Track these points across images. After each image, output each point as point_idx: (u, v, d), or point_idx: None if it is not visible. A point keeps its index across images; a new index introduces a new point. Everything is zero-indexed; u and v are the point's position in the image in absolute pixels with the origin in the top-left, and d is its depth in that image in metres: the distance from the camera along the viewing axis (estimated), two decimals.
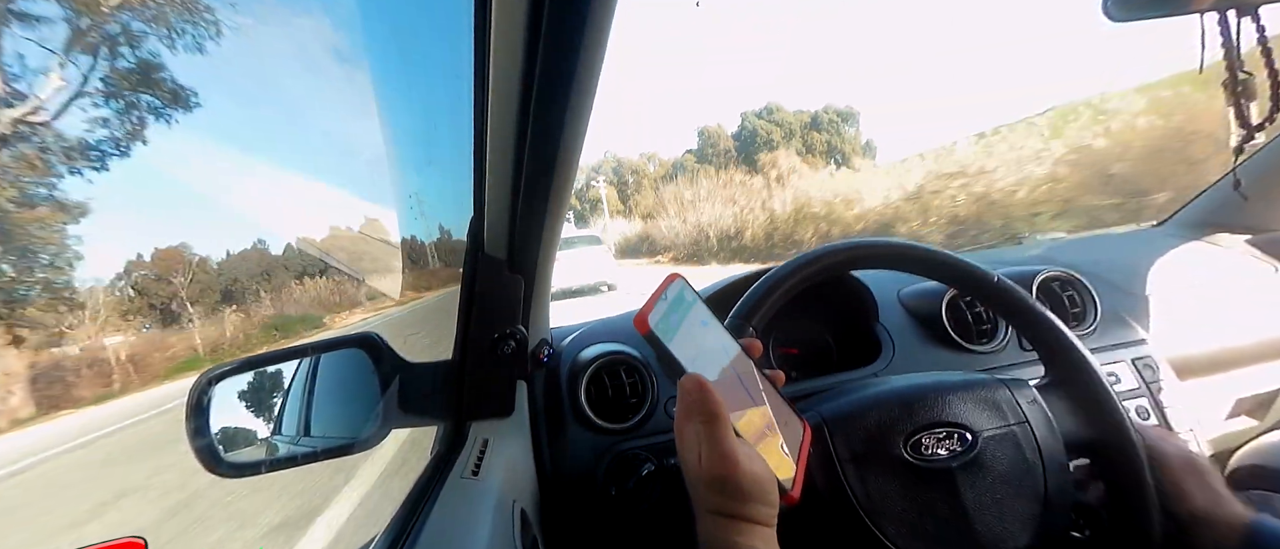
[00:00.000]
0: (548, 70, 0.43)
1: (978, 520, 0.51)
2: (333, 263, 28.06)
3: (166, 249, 12.20)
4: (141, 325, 10.20)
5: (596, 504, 0.75)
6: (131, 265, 11.51)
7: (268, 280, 14.46)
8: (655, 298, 0.43)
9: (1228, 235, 1.09)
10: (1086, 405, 0.56)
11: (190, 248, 12.94)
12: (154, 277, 11.44)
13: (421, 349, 0.70)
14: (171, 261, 11.90)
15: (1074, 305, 0.92)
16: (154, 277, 11.44)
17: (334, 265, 28.77)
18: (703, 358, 0.44)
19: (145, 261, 11.73)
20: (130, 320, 10.56)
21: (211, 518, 2.97)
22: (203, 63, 8.32)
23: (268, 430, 0.67)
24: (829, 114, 34.60)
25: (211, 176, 10.41)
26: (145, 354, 10.94)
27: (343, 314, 12.17)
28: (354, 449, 0.65)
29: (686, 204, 21.06)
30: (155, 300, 11.02)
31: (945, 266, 0.62)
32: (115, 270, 11.27)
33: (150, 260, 11.71)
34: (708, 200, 19.87)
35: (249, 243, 15.57)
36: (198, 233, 18.61)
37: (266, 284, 14.19)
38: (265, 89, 8.40)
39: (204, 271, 13.23)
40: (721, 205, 19.07)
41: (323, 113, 32.84)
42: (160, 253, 12.04)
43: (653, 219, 24.95)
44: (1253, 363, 0.95)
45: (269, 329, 11.42)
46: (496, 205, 0.59)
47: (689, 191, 21.38)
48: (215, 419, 0.59)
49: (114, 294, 10.92)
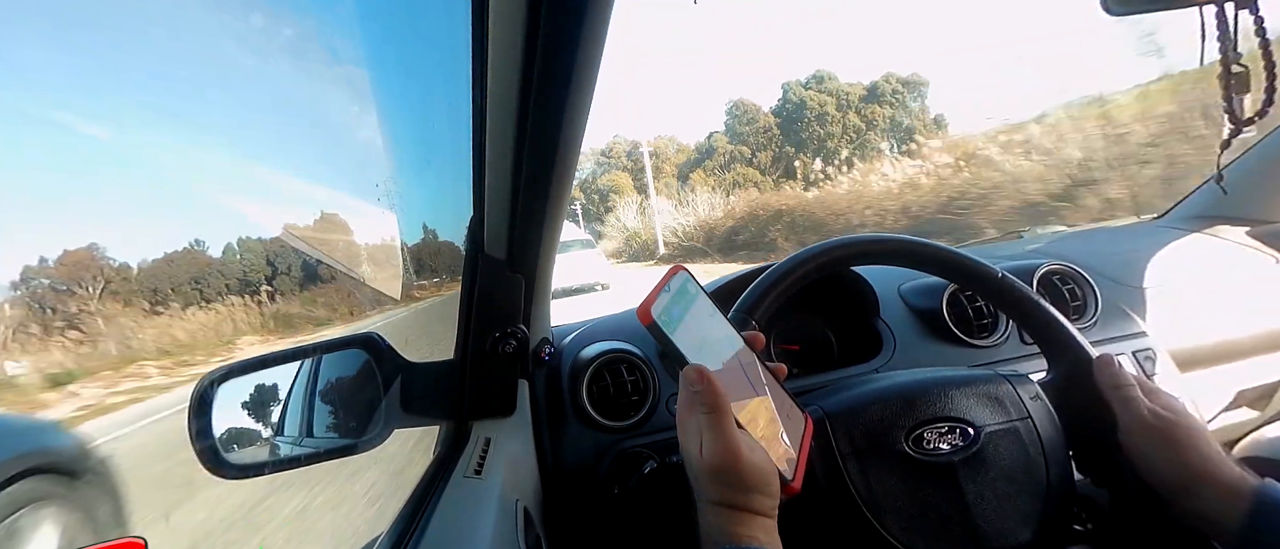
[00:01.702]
0: (546, 69, 0.43)
1: (979, 515, 0.51)
2: (332, 265, 28.10)
3: (76, 252, 10.14)
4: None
5: (599, 502, 0.75)
6: (30, 272, 9.47)
7: (199, 289, 12.51)
8: (658, 289, 0.43)
9: (1228, 227, 1.09)
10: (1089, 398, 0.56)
11: (103, 250, 10.56)
12: (55, 286, 9.46)
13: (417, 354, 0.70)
14: (78, 268, 9.88)
15: (1075, 298, 0.92)
16: (55, 286, 9.46)
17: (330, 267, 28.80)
18: (706, 349, 0.45)
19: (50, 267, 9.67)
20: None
21: None
22: (200, 61, 8.04)
23: (270, 431, 0.67)
24: (890, 83, 27.71)
25: (198, 176, 10.16)
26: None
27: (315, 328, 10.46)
28: (356, 450, 0.66)
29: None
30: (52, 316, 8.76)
31: (946, 262, 0.62)
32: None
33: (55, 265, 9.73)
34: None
35: (181, 243, 13.22)
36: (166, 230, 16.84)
37: (196, 293, 12.03)
38: (258, 87, 7.98)
39: (124, 279, 11.40)
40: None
41: (321, 114, 32.78)
42: (67, 256, 9.88)
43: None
44: (1253, 355, 0.95)
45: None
46: (496, 205, 0.59)
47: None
48: (218, 420, 0.59)
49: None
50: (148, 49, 8.41)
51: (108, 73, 10.05)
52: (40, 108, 10.00)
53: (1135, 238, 1.16)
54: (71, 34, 8.21)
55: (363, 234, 1.64)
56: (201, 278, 13.00)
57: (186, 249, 13.69)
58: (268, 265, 11.87)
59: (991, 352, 0.87)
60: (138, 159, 13.15)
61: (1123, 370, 0.54)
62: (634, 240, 23.91)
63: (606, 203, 34.40)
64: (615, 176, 36.72)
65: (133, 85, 9.57)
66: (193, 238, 13.16)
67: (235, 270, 12.79)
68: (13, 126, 9.89)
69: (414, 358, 0.68)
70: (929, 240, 0.63)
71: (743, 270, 0.96)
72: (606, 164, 38.63)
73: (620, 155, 38.41)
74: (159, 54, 7.79)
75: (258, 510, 2.60)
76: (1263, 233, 1.06)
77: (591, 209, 36.85)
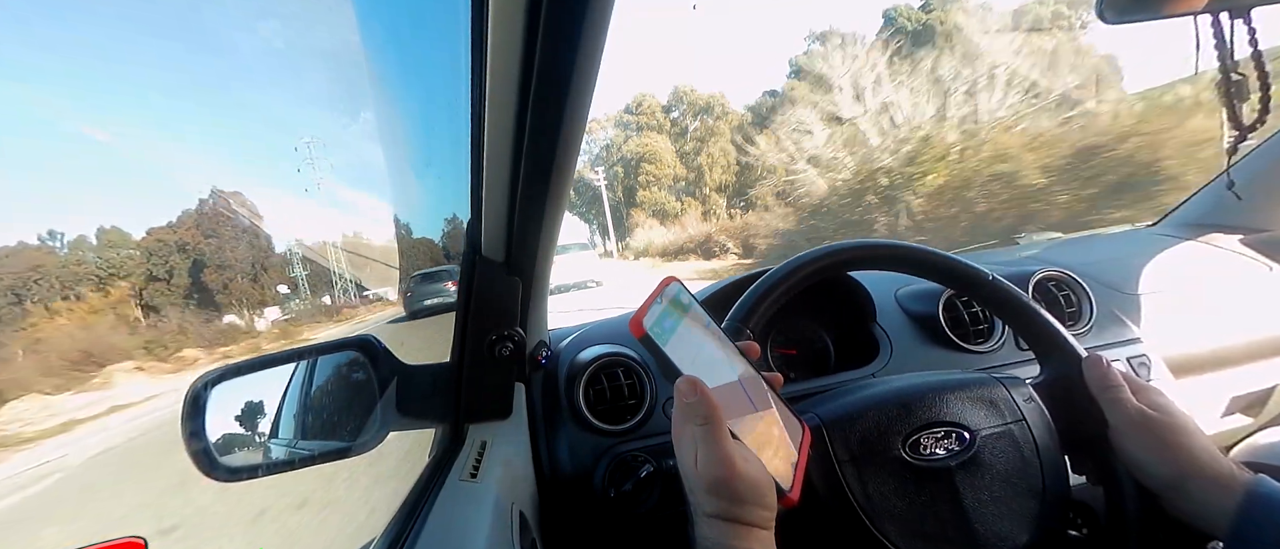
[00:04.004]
0: (544, 72, 0.43)
1: (976, 519, 0.51)
2: (329, 266, 27.79)
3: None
4: None
5: (595, 506, 0.75)
6: None
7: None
8: (650, 301, 0.43)
9: (1222, 235, 1.10)
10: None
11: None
12: None
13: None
14: None
15: (1070, 305, 0.92)
16: None
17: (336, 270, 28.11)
18: (699, 360, 0.44)
19: None
20: None
21: None
22: (194, 58, 7.81)
23: (265, 434, 0.67)
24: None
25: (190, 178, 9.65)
26: None
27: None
28: (352, 452, 0.65)
29: None
30: None
31: (938, 266, 0.63)
32: None
33: None
34: None
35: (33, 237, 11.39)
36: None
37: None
38: (257, 88, 7.76)
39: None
40: None
41: (319, 113, 32.55)
42: None
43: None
44: (1248, 361, 0.96)
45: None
46: (494, 207, 0.59)
47: None
48: (212, 423, 0.59)
49: None
50: (147, 49, 8.35)
51: (108, 72, 9.94)
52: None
53: (1130, 244, 1.16)
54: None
55: (362, 234, 1.63)
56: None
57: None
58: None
59: (987, 357, 0.87)
60: (137, 159, 13.05)
61: (1111, 370, 0.53)
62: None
63: (637, 175, 28.04)
64: (649, 140, 28.71)
65: (133, 84, 9.50)
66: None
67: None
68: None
69: (409, 360, 0.68)
70: (921, 245, 0.63)
71: (736, 277, 0.96)
72: (633, 125, 29.90)
73: (653, 112, 29.86)
74: (158, 53, 7.72)
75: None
76: (1257, 241, 1.07)
77: (622, 189, 28.49)
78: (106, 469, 6.58)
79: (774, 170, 17.88)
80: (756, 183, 21.22)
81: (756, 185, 21.08)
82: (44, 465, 7.20)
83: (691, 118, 30.26)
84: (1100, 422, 0.52)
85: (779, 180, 16.89)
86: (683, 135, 30.02)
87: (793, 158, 15.61)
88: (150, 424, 8.29)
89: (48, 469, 6.91)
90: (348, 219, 47.43)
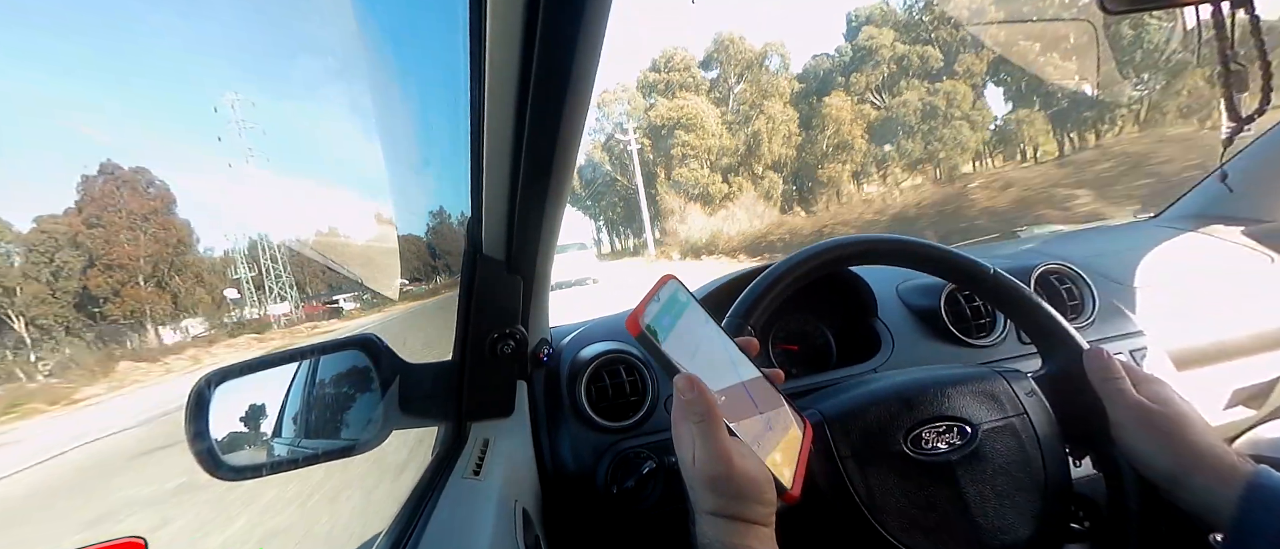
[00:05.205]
0: (544, 70, 0.43)
1: (979, 513, 0.51)
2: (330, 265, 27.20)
3: None
4: None
5: (598, 503, 0.75)
6: None
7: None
8: (648, 299, 0.43)
9: (1223, 227, 1.09)
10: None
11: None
12: None
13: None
14: None
15: (1072, 298, 0.92)
16: None
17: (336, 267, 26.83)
18: (698, 358, 0.44)
19: None
20: None
21: None
22: (190, 56, 7.84)
23: (268, 433, 0.67)
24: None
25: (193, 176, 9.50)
26: None
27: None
28: (355, 451, 0.65)
29: None
30: None
31: (942, 261, 0.63)
32: None
33: None
34: None
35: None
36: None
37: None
38: (257, 87, 7.70)
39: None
40: None
41: (318, 114, 32.42)
42: None
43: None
44: (1250, 354, 0.95)
45: None
46: (495, 206, 0.59)
47: None
48: (215, 422, 0.59)
49: None
50: (147, 49, 8.38)
51: (108, 72, 10.04)
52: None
53: (1132, 237, 1.16)
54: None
55: (361, 234, 1.63)
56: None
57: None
58: None
59: (990, 351, 0.87)
60: (139, 158, 13.02)
61: (1112, 362, 0.53)
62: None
63: (668, 142, 21.78)
64: (685, 102, 22.47)
65: (133, 84, 9.58)
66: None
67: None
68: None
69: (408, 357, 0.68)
70: (922, 239, 0.63)
71: (737, 273, 0.96)
72: (661, 85, 23.53)
73: (685, 68, 23.60)
74: (159, 53, 7.76)
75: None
76: (1258, 232, 1.07)
77: (658, 169, 22.19)
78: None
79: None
80: (826, 159, 15.24)
81: (825, 162, 15.33)
82: None
83: (735, 78, 23.65)
84: (1102, 414, 0.52)
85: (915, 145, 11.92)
86: (724, 100, 23.37)
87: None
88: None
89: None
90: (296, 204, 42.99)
